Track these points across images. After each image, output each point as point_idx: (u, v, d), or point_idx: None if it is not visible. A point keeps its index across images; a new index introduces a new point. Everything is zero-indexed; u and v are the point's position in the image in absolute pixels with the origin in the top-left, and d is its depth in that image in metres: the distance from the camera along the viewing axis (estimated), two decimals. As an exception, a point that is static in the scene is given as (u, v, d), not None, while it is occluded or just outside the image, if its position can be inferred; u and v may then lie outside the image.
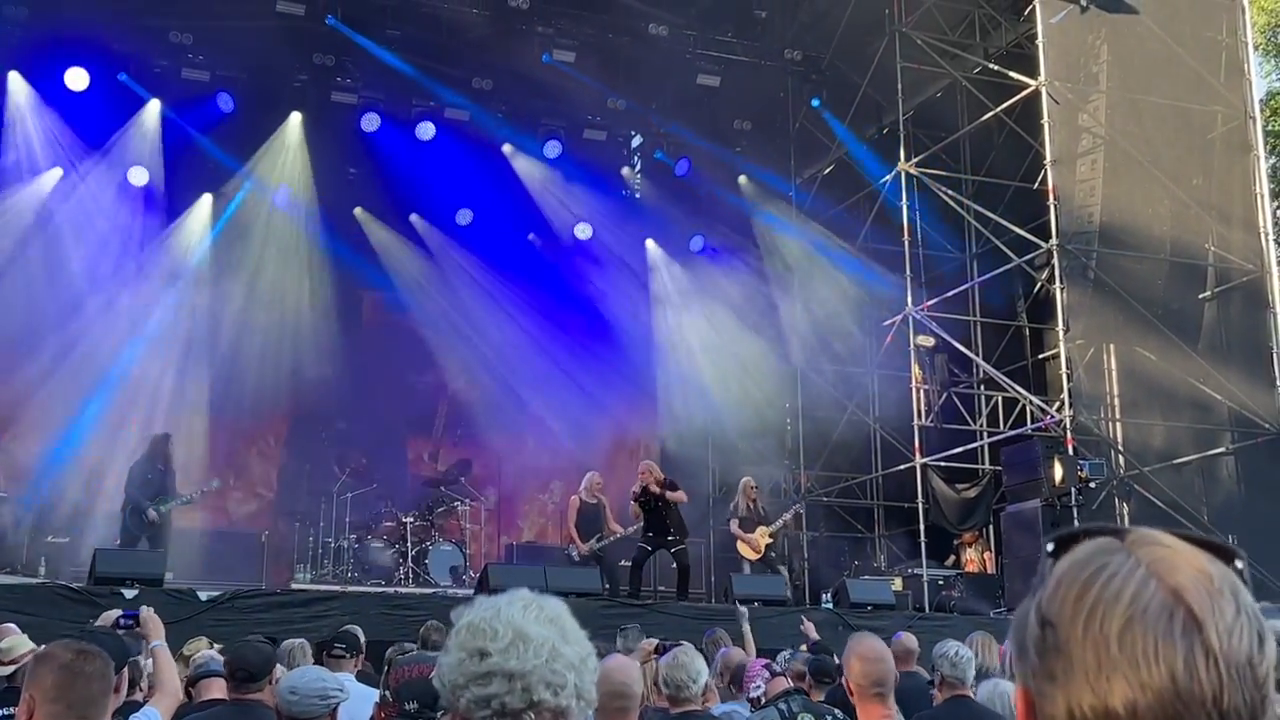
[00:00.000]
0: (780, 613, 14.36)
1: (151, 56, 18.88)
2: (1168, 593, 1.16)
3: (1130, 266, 17.52)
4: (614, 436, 21.67)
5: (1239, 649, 1.15)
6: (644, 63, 20.19)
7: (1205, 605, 1.16)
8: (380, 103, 20.03)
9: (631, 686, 4.39)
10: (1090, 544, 1.23)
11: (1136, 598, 1.16)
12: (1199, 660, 1.14)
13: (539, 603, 2.01)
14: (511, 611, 1.97)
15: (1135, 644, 1.15)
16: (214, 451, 18.58)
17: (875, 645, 4.77)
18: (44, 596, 11.82)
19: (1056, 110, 17.32)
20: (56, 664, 3.28)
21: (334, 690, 4.29)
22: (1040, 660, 1.21)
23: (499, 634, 1.94)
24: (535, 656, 1.93)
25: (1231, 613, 1.16)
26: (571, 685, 1.96)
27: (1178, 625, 1.15)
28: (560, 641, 1.97)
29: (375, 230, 20.77)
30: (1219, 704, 1.13)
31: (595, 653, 2.04)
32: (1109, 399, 18.15)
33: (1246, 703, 1.14)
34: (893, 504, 21.03)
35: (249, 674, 5.12)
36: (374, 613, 12.73)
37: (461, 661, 1.95)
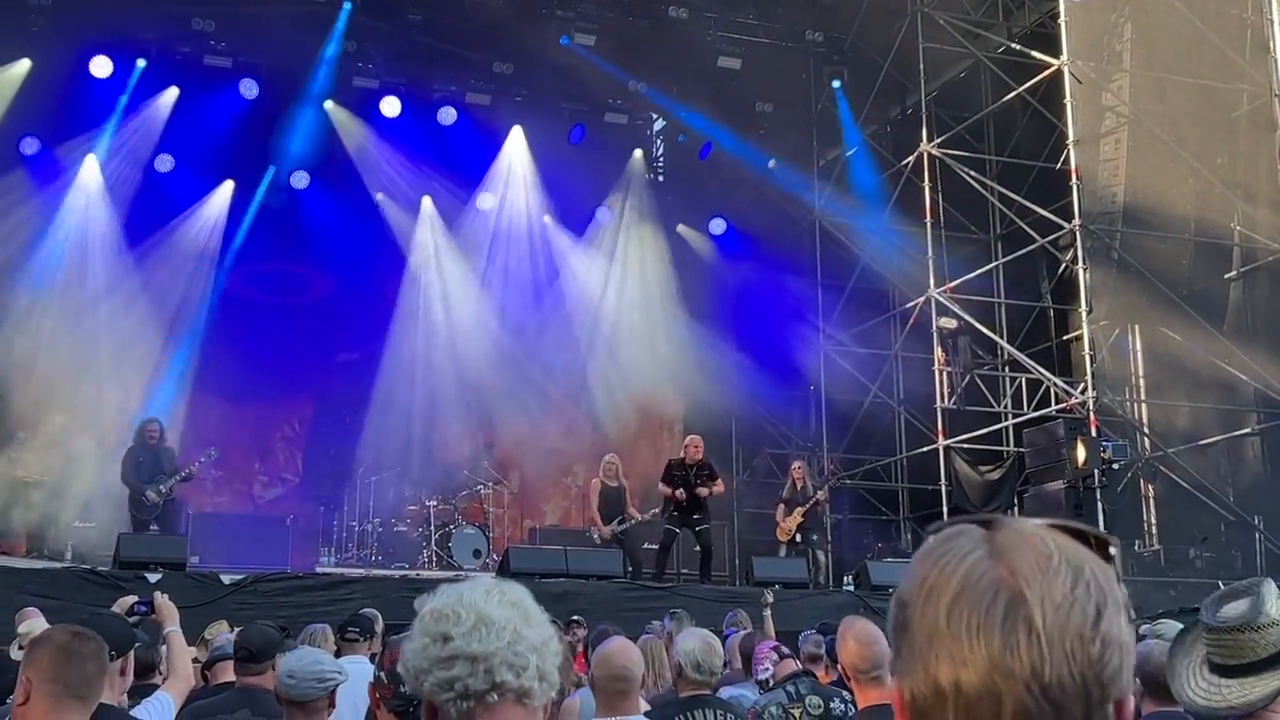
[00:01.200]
0: (802, 595, 14.39)
1: (174, 44, 18.97)
2: (1000, 572, 1.18)
3: (1154, 246, 17.40)
4: (638, 420, 21.68)
5: (1067, 626, 1.15)
6: (664, 45, 20.14)
7: (1034, 582, 1.16)
8: (401, 87, 20.06)
9: (631, 669, 4.41)
10: (946, 530, 1.25)
11: (968, 575, 1.18)
12: (1020, 636, 1.14)
13: (501, 588, 2.03)
14: (474, 596, 2.00)
15: (960, 620, 1.16)
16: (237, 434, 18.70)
17: (869, 628, 4.78)
18: (69, 581, 11.95)
19: (1079, 90, 17.19)
20: (53, 645, 3.33)
21: (331, 673, 4.33)
22: (894, 638, 1.24)
23: (461, 618, 1.96)
24: (497, 639, 1.95)
25: (1064, 590, 1.16)
26: (534, 667, 1.98)
27: (1001, 602, 1.16)
28: (523, 624, 1.99)
29: (394, 212, 20.81)
30: (1039, 679, 1.13)
31: (555, 637, 2.06)
32: (1133, 380, 18.07)
33: (1075, 678, 1.14)
34: (916, 486, 20.98)
35: (250, 654, 5.18)
36: (396, 596, 12.80)
37: (425, 646, 1.97)
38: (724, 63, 20.15)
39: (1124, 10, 17.79)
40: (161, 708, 4.92)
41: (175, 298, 18.89)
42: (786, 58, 20.87)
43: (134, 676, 4.91)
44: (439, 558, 17.35)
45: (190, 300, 19.04)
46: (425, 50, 19.70)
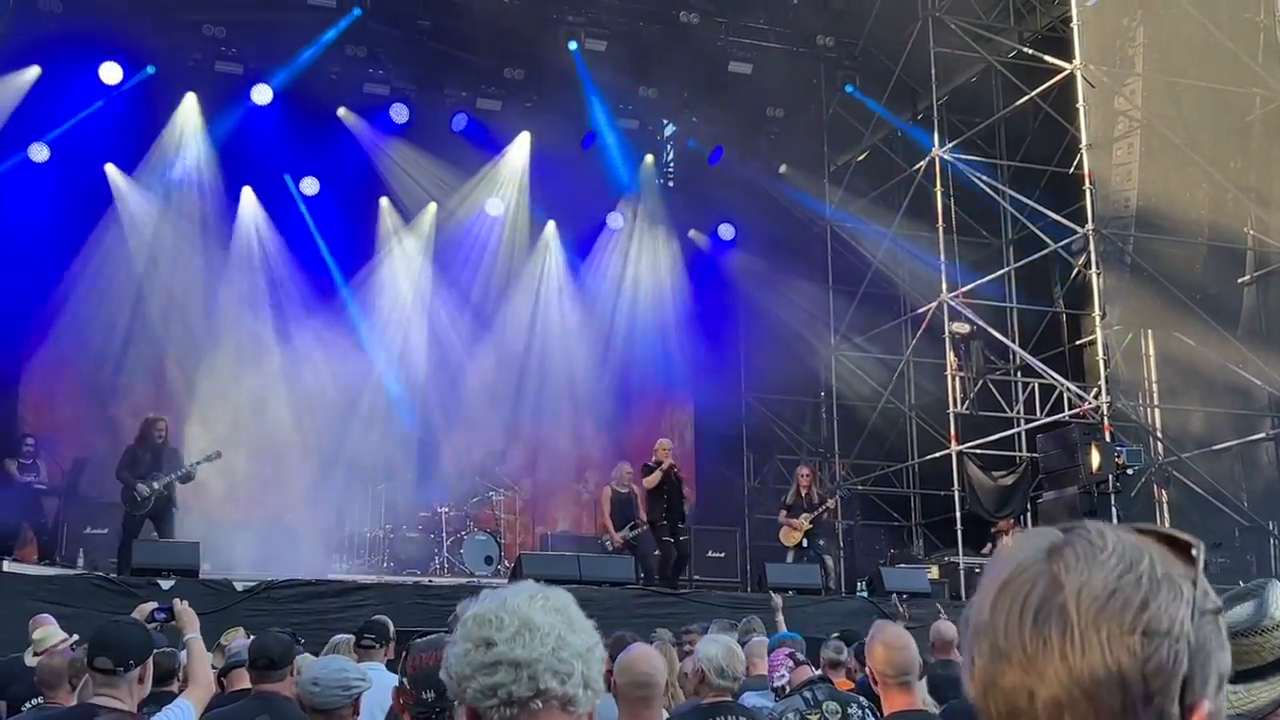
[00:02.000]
0: (815, 601, 14.35)
1: (185, 50, 18.99)
2: (1046, 564, 1.17)
3: (1168, 251, 17.34)
4: (648, 426, 21.66)
5: (1103, 615, 1.13)
6: (675, 51, 20.13)
7: (1075, 571, 1.15)
8: (412, 93, 20.08)
9: (654, 676, 4.38)
10: (1014, 535, 1.26)
11: (1016, 568, 1.18)
12: (1052, 625, 1.13)
13: (544, 593, 2.00)
14: (517, 601, 1.96)
15: (1001, 611, 1.16)
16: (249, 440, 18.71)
17: (899, 633, 4.75)
18: (82, 588, 11.95)
19: (1092, 94, 17.14)
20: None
21: (356, 680, 4.30)
22: (961, 638, 1.25)
23: (505, 623, 1.93)
24: (541, 645, 1.92)
25: (1106, 580, 1.15)
26: (579, 674, 1.94)
27: (1038, 590, 1.15)
28: (567, 630, 1.96)
29: (399, 219, 20.83)
30: (1071, 669, 1.12)
31: (602, 642, 2.03)
32: (1147, 385, 18.01)
33: (1110, 670, 1.12)
34: (929, 492, 20.93)
35: (269, 661, 5.15)
36: (408, 603, 12.80)
37: (467, 652, 1.94)
38: (735, 68, 20.14)
39: (1136, 14, 17.74)
40: (182, 714, 4.89)
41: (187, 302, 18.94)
42: (797, 63, 20.85)
43: (153, 683, 4.89)
44: (451, 564, 17.33)
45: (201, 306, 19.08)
46: (436, 56, 19.72)
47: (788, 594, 13.45)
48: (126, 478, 14.30)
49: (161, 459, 14.51)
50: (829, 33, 20.54)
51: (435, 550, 17.61)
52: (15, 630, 10.05)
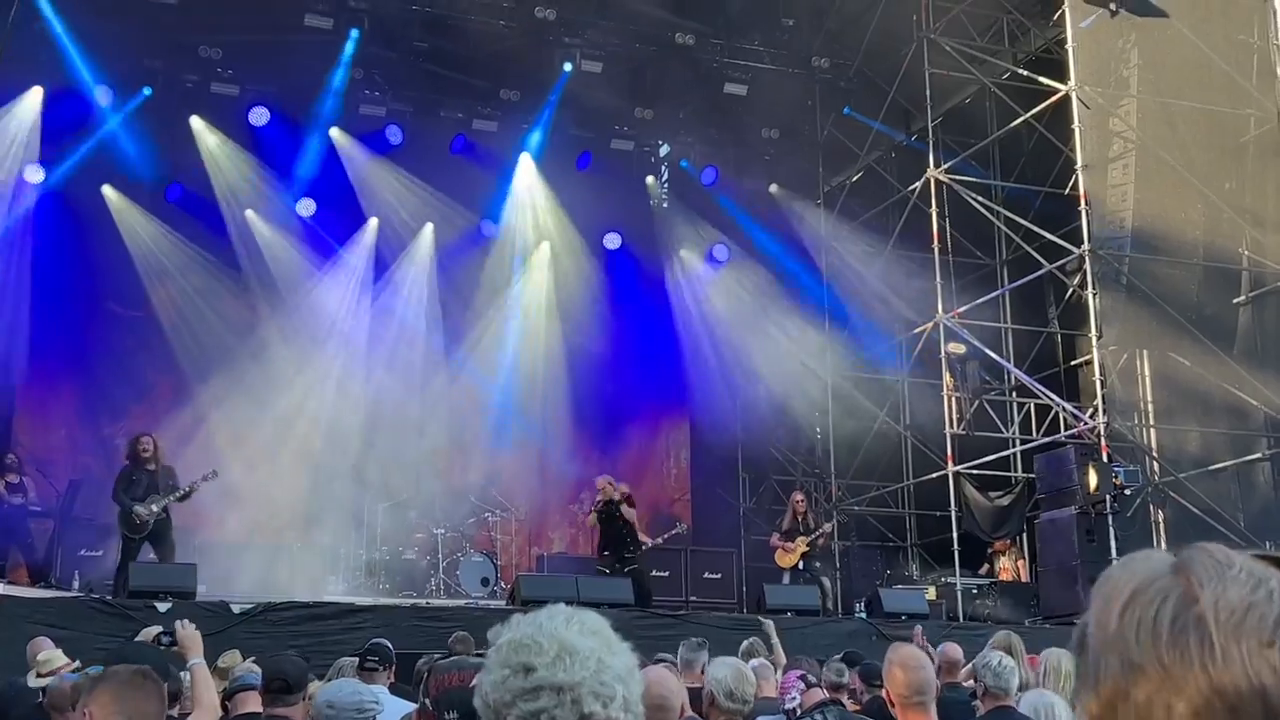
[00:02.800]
0: (814, 623, 14.31)
1: (181, 71, 18.99)
2: (1176, 577, 1.16)
3: (1163, 272, 17.39)
4: (643, 447, 21.66)
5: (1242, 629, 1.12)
6: (671, 72, 20.18)
7: (1208, 584, 1.14)
8: (408, 114, 20.09)
9: (671, 699, 4.35)
10: (1134, 555, 1.24)
11: (1143, 581, 1.17)
12: (1190, 636, 1.12)
13: (580, 617, 1.97)
14: (554, 625, 1.94)
15: (1132, 623, 1.15)
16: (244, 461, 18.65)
17: (915, 653, 4.74)
18: (79, 610, 11.87)
19: (1087, 115, 17.21)
20: (117, 681, 3.28)
21: (370, 703, 4.27)
22: (1077, 666, 1.22)
23: (544, 648, 1.90)
24: (583, 668, 1.89)
25: (1241, 594, 1.13)
26: (620, 697, 1.92)
27: (1172, 602, 1.14)
28: (606, 653, 1.93)
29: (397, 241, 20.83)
30: (1211, 681, 1.10)
31: (640, 664, 2.00)
32: (1142, 405, 18.01)
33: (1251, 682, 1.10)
34: (925, 512, 20.92)
35: (285, 684, 5.11)
36: (406, 624, 12.75)
37: (506, 679, 1.91)
38: (730, 89, 20.19)
39: (1131, 36, 17.80)
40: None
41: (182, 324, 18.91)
42: (792, 84, 20.88)
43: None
44: (447, 586, 17.28)
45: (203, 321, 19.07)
46: (432, 77, 19.73)
47: (786, 615, 13.43)
48: (123, 500, 14.18)
49: (157, 479, 14.40)
50: (824, 54, 20.59)
51: (431, 571, 17.55)
52: (11, 653, 10.00)
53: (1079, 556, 15.95)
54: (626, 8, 19.70)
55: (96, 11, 17.57)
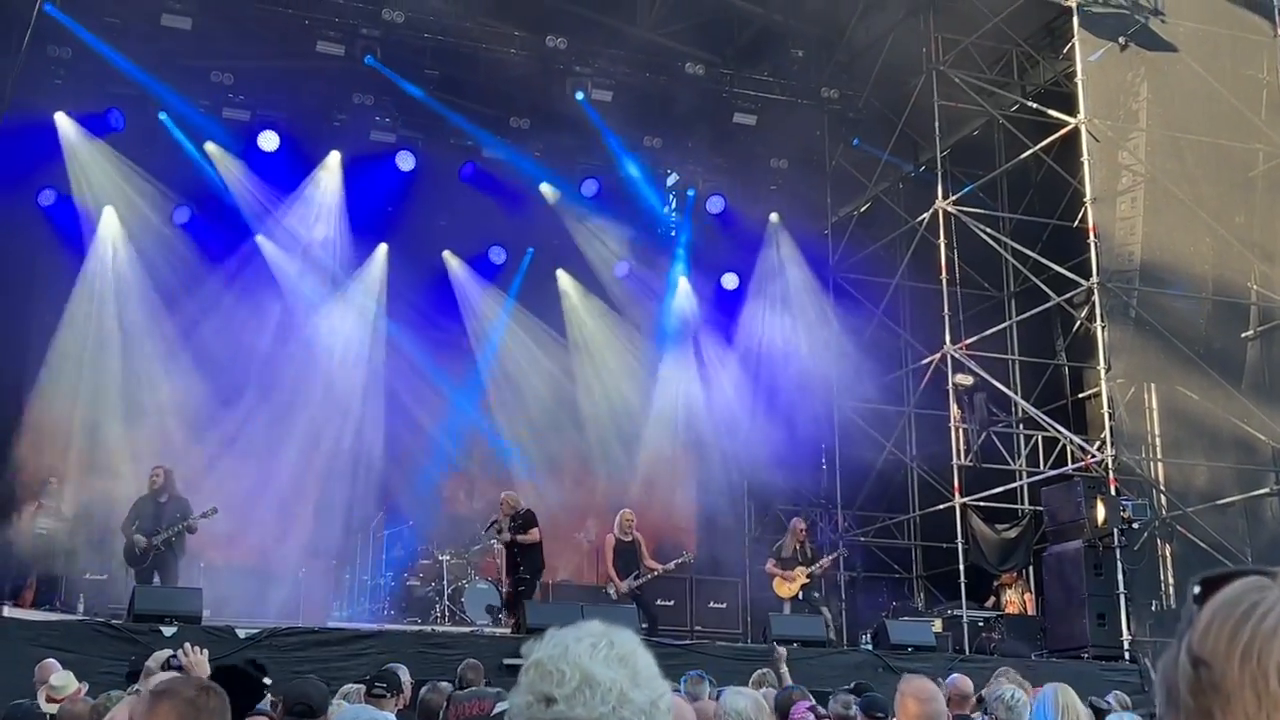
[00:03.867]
0: (820, 654, 14.25)
1: (193, 96, 19.05)
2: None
3: (1172, 305, 17.39)
4: (648, 474, 21.60)
5: None
6: (680, 102, 20.24)
7: None
8: (418, 141, 20.15)
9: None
10: (1240, 582, 1.19)
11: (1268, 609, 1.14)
12: None
13: (610, 639, 1.91)
14: (579, 650, 1.89)
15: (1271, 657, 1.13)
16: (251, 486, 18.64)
17: (927, 685, 4.73)
18: (84, 633, 11.86)
19: (1096, 148, 17.26)
20: (181, 699, 3.23)
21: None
22: (1194, 701, 1.18)
23: (565, 677, 1.86)
24: (602, 703, 1.86)
25: None
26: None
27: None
28: (630, 685, 1.89)
29: (411, 267, 20.85)
30: None
31: (668, 693, 1.97)
32: (1150, 439, 17.96)
33: None
34: (931, 544, 20.86)
35: (309, 708, 5.07)
36: (411, 651, 12.69)
37: (530, 704, 1.88)
38: (739, 119, 20.27)
39: (1140, 69, 17.86)
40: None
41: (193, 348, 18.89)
42: (801, 115, 20.95)
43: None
44: (451, 613, 17.22)
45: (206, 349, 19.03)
46: (442, 105, 19.78)
47: (792, 645, 13.36)
48: (127, 530, 14.33)
49: (163, 510, 14.46)
50: (833, 85, 20.66)
51: (436, 598, 17.50)
52: (17, 675, 9.98)
53: (1086, 590, 15.89)
54: (637, 37, 19.80)
55: (109, 35, 17.64)
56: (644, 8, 19.93)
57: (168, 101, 18.82)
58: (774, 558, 17.22)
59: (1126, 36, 17.68)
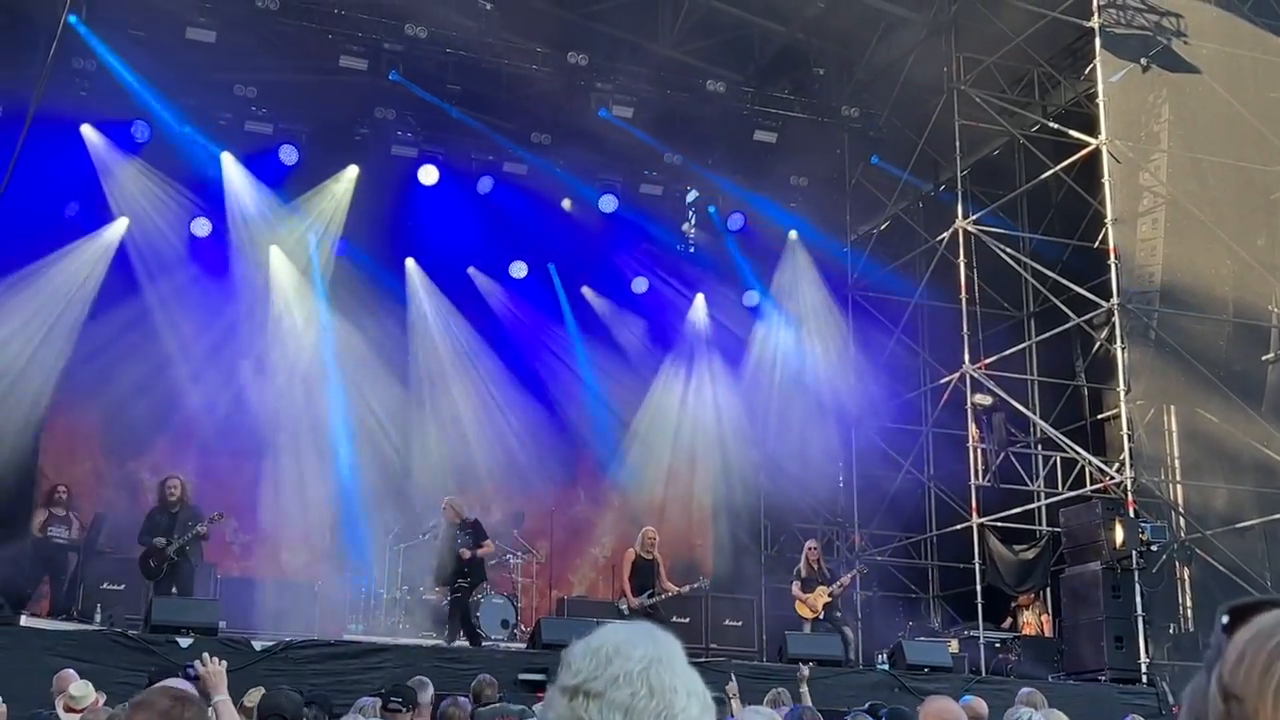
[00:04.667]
0: (837, 673, 14.20)
1: (216, 109, 19.15)
2: None
3: (1192, 327, 17.34)
4: (665, 491, 21.59)
5: None
6: (701, 118, 20.28)
7: None
8: (439, 156, 20.22)
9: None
10: (1273, 614, 1.18)
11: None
12: None
13: (656, 661, 1.85)
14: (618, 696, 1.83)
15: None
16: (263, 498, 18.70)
17: (950, 707, 4.71)
18: (101, 644, 11.89)
19: (1117, 169, 17.23)
20: (155, 711, 3.24)
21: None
22: None
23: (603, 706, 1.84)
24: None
25: None
26: None
27: None
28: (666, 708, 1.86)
29: (430, 281, 20.90)
30: None
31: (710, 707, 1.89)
32: (1169, 461, 17.90)
33: None
34: (948, 564, 20.79)
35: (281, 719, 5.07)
36: (426, 665, 12.68)
37: None
38: (760, 136, 20.27)
39: (1162, 91, 17.83)
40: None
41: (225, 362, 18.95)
42: (822, 132, 20.96)
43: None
44: (467, 627, 17.19)
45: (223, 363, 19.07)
46: (464, 120, 19.85)
47: (808, 664, 13.32)
48: (144, 539, 14.41)
49: (176, 520, 14.52)
50: (854, 103, 20.67)
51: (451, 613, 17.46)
52: (34, 684, 10.01)
53: (1104, 612, 15.82)
54: (659, 54, 19.85)
55: (134, 48, 17.74)
56: (666, 25, 19.98)
57: (191, 114, 18.91)
58: (796, 580, 17.15)
59: (1149, 58, 17.67)
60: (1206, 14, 18.10)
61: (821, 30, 20.10)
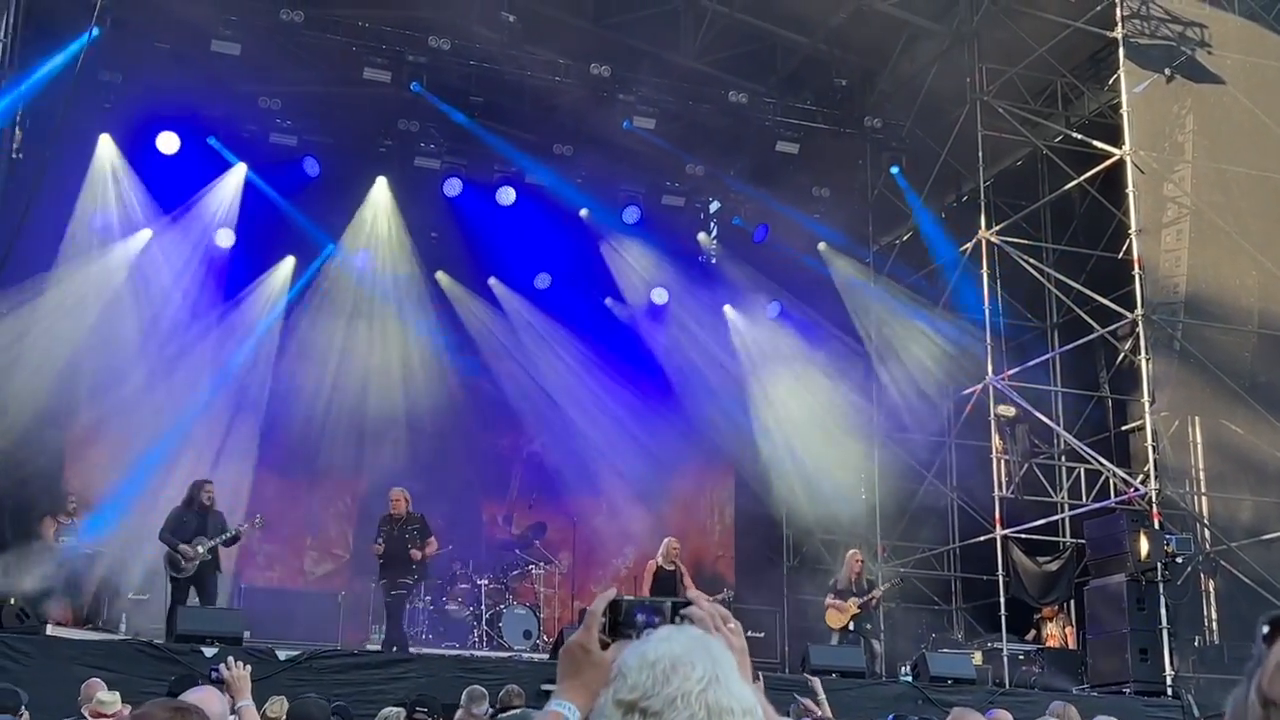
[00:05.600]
0: (858, 685, 14.17)
1: (241, 121, 19.26)
2: None
3: (1217, 338, 17.26)
4: (688, 502, 21.61)
5: None
6: (723, 130, 20.28)
7: None
8: (462, 168, 20.29)
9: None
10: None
11: None
12: None
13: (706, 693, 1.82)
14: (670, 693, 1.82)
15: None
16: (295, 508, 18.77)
17: (975, 718, 4.69)
18: (126, 653, 11.95)
19: (1141, 180, 17.18)
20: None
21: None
22: None
23: None
24: None
25: None
26: None
27: None
28: None
29: (455, 293, 20.96)
30: None
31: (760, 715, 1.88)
32: (1195, 472, 17.82)
33: None
34: (971, 576, 20.71)
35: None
36: (449, 675, 12.72)
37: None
38: (782, 147, 20.27)
39: (1186, 102, 17.78)
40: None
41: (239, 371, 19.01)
42: (844, 143, 20.98)
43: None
44: (489, 638, 17.24)
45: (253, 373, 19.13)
46: (487, 131, 19.92)
47: (831, 676, 13.29)
48: (169, 540, 14.28)
49: (207, 523, 14.51)
50: (876, 114, 20.66)
51: (474, 623, 17.52)
52: (60, 693, 10.06)
53: (1129, 625, 15.75)
54: (681, 66, 19.90)
55: (160, 61, 17.86)
56: (688, 36, 20.03)
57: (216, 126, 19.02)
58: (831, 590, 17.09)
59: (1172, 68, 17.62)
60: (1230, 24, 18.05)
61: (844, 41, 20.11)
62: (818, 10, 19.40)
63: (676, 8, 20.13)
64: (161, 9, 17.06)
